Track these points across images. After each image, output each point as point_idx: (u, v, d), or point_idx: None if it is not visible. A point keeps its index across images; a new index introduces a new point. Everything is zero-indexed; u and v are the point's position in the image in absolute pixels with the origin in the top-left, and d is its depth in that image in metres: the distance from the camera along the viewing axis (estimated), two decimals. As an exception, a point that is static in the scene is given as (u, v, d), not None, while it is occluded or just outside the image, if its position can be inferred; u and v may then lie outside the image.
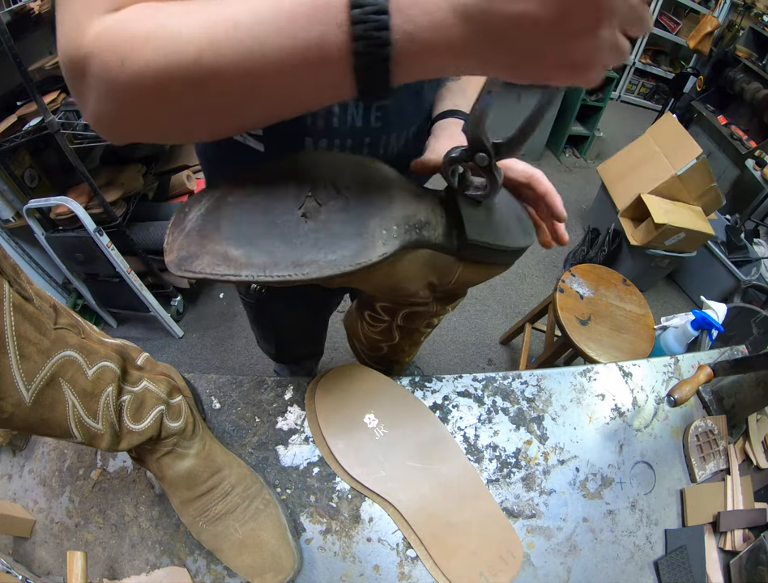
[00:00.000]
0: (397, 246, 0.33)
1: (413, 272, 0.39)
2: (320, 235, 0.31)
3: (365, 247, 0.32)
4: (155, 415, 0.42)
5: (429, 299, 0.46)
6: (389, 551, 0.51)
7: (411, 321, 0.51)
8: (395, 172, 0.38)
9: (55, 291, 1.65)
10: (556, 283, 1.33)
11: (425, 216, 0.37)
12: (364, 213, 0.33)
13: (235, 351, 1.70)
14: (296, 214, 0.32)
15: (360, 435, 0.54)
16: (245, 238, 0.30)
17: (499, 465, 0.58)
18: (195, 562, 0.49)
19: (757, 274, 1.97)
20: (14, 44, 1.00)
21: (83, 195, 1.34)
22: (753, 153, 2.45)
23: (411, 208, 0.36)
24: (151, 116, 0.27)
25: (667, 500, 0.60)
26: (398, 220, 0.34)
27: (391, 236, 0.33)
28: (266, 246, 0.30)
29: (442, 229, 0.38)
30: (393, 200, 0.35)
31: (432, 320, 0.53)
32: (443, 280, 0.43)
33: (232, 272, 0.29)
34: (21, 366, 0.29)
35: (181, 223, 0.32)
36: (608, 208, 2.10)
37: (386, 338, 0.54)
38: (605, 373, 0.69)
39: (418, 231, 0.36)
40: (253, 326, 0.86)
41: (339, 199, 0.33)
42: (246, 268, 0.29)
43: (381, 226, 0.33)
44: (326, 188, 0.33)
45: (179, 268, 0.30)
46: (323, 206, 0.33)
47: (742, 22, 3.09)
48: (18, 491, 0.54)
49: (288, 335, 0.84)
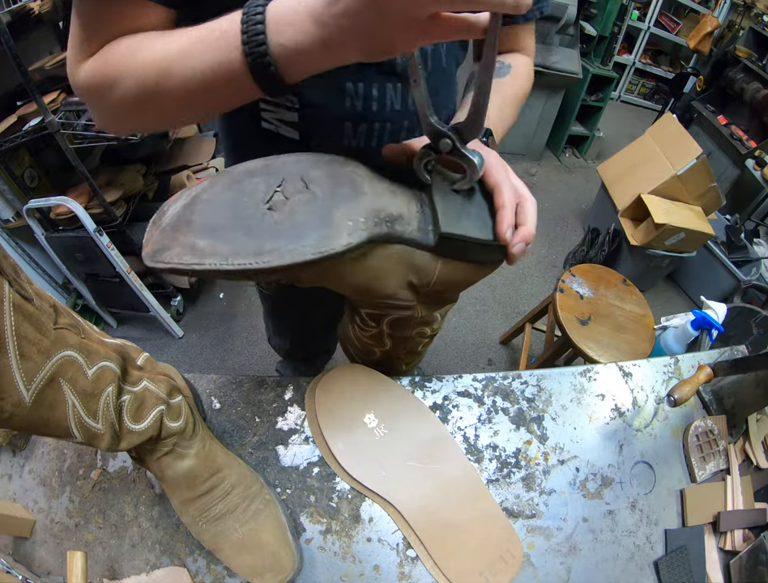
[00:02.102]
0: (363, 237, 0.33)
1: (387, 269, 0.39)
2: (283, 225, 0.32)
3: (328, 236, 0.32)
4: (155, 415, 0.42)
5: (413, 302, 0.45)
6: (389, 551, 0.51)
7: (399, 328, 0.49)
8: (369, 169, 0.38)
9: (55, 291, 1.65)
10: (556, 283, 1.33)
11: (398, 210, 0.36)
12: (330, 205, 0.33)
13: (235, 351, 1.70)
14: (262, 208, 0.33)
15: (360, 435, 0.54)
16: (211, 230, 0.31)
17: (499, 465, 0.58)
18: (195, 562, 0.49)
19: (757, 274, 1.97)
20: (14, 44, 1.00)
21: (83, 195, 1.34)
22: (753, 153, 2.45)
23: (382, 202, 0.36)
24: (135, 119, 0.40)
25: (667, 500, 0.60)
26: (366, 212, 0.34)
27: (358, 227, 0.33)
28: (230, 237, 0.31)
29: (417, 224, 0.37)
30: (363, 194, 0.35)
31: (424, 329, 0.51)
32: (423, 280, 0.41)
33: (196, 261, 0.30)
34: (21, 366, 0.29)
35: (159, 220, 0.33)
36: (608, 208, 2.11)
37: (378, 344, 0.53)
38: (605, 373, 0.69)
39: (389, 224, 0.35)
40: (267, 320, 0.85)
41: (306, 193, 0.34)
42: (210, 257, 0.30)
43: (347, 217, 0.33)
44: (295, 183, 0.34)
45: (152, 259, 0.31)
46: (290, 199, 0.33)
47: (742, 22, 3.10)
48: (18, 491, 0.54)
49: (305, 329, 0.84)
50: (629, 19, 3.18)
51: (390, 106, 0.47)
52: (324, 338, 0.94)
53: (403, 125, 0.49)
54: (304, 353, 0.98)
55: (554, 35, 2.32)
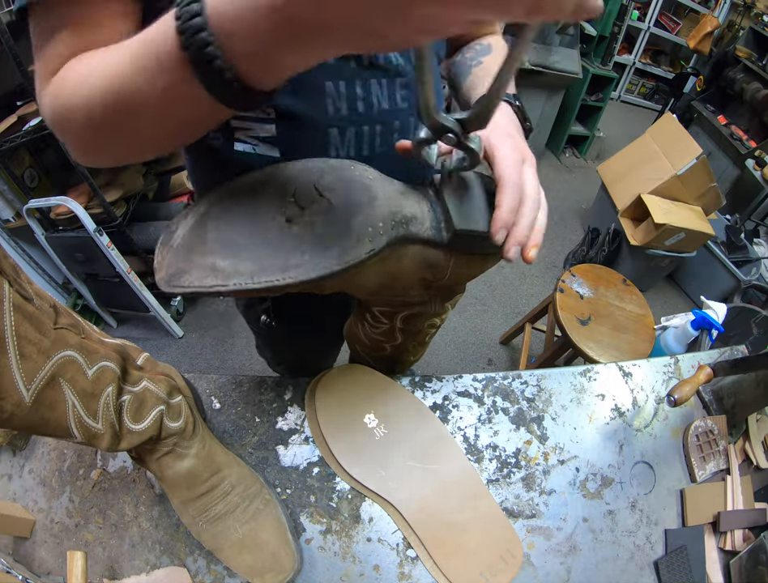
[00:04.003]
0: (384, 243, 0.33)
1: (404, 269, 0.39)
2: (305, 238, 0.31)
3: (351, 246, 0.32)
4: (155, 415, 0.42)
5: (426, 297, 0.46)
6: (389, 551, 0.51)
7: (412, 322, 0.50)
8: (377, 172, 0.38)
9: (55, 291, 1.65)
10: (556, 283, 1.33)
11: (411, 211, 0.37)
12: (347, 213, 0.33)
13: (235, 351, 1.70)
14: (279, 220, 0.32)
15: (360, 435, 0.54)
16: (230, 248, 0.30)
17: (499, 465, 0.58)
18: (195, 562, 0.49)
19: (757, 274, 1.97)
20: (14, 44, 1.00)
21: (83, 195, 1.34)
22: (753, 153, 2.45)
23: (395, 204, 0.36)
24: (106, 150, 0.33)
25: (667, 500, 0.60)
26: (383, 217, 0.34)
27: (377, 232, 0.33)
28: (251, 254, 0.30)
29: (430, 222, 0.37)
30: (376, 198, 0.35)
31: (434, 320, 0.52)
32: (437, 276, 0.41)
33: (220, 282, 0.29)
34: (21, 366, 0.29)
35: (169, 241, 0.32)
36: (607, 208, 2.11)
37: (389, 339, 0.54)
38: (605, 373, 0.69)
39: (405, 226, 0.36)
40: (264, 351, 0.85)
41: (321, 202, 0.33)
42: (234, 277, 0.29)
43: (365, 224, 0.33)
44: (308, 191, 0.33)
45: (168, 285, 0.30)
46: (306, 209, 0.32)
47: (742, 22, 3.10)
48: (18, 491, 0.54)
49: (299, 359, 0.83)
50: (629, 19, 3.18)
51: (377, 105, 0.42)
52: (322, 360, 0.93)
53: (393, 126, 0.44)
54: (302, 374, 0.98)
55: (554, 35, 2.32)
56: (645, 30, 3.61)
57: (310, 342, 0.76)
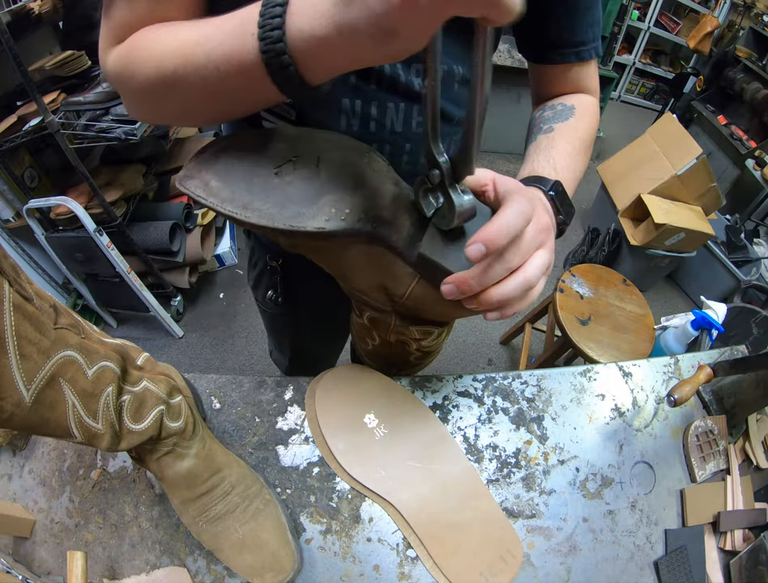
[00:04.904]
0: (339, 228, 0.34)
1: (364, 265, 0.40)
2: (276, 191, 0.35)
3: (305, 215, 0.34)
4: (155, 415, 0.42)
5: (387, 307, 0.44)
6: (389, 551, 0.51)
7: (377, 327, 0.48)
8: (391, 169, 0.38)
9: (55, 291, 1.65)
10: (556, 283, 1.33)
11: (390, 216, 0.36)
12: (324, 188, 0.35)
13: (235, 351, 1.70)
14: (269, 169, 0.35)
15: (360, 435, 0.54)
16: (225, 176, 0.35)
17: (499, 465, 0.58)
18: (195, 562, 0.49)
19: (757, 274, 1.97)
20: (14, 44, 1.00)
21: (83, 195, 1.34)
22: (753, 153, 2.45)
23: (376, 202, 0.36)
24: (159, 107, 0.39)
25: (667, 500, 0.60)
26: (354, 206, 0.35)
27: (338, 217, 0.34)
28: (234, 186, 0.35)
29: (407, 234, 0.36)
30: (362, 188, 0.36)
31: (406, 339, 0.48)
32: (397, 290, 0.40)
33: (203, 195, 0.35)
34: (21, 366, 0.29)
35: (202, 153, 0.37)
36: (607, 208, 2.11)
37: (367, 335, 0.52)
38: (605, 373, 0.69)
39: (374, 225, 0.36)
40: (269, 334, 0.85)
41: (313, 170, 0.36)
42: (212, 197, 0.34)
43: (331, 204, 0.35)
44: (310, 159, 0.36)
45: (179, 181, 0.35)
46: (296, 171, 0.35)
47: (742, 22, 3.10)
48: (18, 491, 0.54)
49: (303, 349, 0.83)
50: (629, 19, 3.18)
51: (390, 127, 0.44)
52: (323, 358, 0.93)
53: (404, 148, 0.45)
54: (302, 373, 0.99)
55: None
56: (645, 30, 3.60)
57: (315, 330, 0.76)
